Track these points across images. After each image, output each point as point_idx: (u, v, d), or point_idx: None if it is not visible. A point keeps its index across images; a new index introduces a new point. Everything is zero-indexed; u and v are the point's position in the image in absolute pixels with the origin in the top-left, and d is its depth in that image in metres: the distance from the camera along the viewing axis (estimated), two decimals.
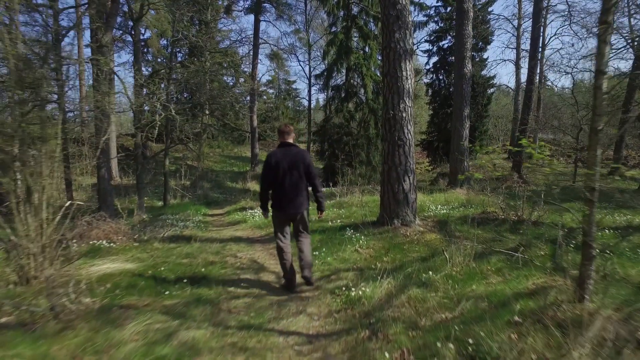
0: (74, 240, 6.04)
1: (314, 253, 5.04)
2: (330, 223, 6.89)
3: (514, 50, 21.98)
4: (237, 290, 4.02)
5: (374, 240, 5.27)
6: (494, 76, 22.98)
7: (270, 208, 4.01)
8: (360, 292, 3.48)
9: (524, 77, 21.53)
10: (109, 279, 4.24)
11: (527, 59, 22.00)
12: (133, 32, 12.07)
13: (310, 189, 4.04)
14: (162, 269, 4.59)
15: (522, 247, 4.54)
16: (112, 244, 5.96)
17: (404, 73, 5.67)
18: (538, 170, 18.46)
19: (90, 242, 5.95)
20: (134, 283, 4.05)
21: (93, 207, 12.41)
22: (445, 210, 7.56)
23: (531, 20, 16.64)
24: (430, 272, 3.88)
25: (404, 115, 5.67)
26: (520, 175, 15.86)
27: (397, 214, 5.70)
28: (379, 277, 3.80)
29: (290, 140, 3.97)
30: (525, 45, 20.72)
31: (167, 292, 3.72)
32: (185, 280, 4.12)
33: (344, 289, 3.73)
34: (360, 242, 5.19)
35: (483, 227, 6.02)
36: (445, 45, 23.96)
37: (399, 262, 4.48)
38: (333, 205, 8.91)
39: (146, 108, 13.32)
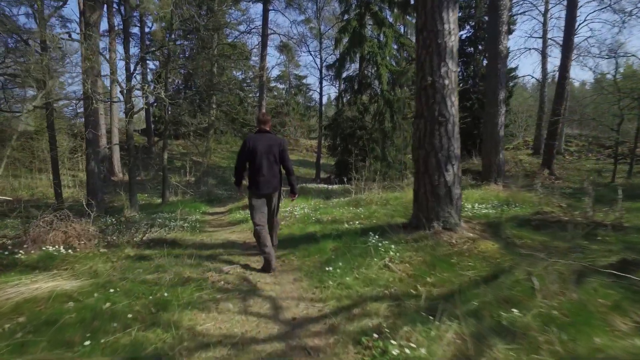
0: (25, 246, 4.71)
1: (327, 268, 3.54)
2: (346, 225, 5.39)
3: (537, 40, 20.10)
4: (209, 330, 2.56)
5: (409, 250, 3.75)
6: (516, 68, 21.21)
7: (247, 190, 4.11)
8: (408, 351, 1.98)
9: (550, 67, 19.75)
10: (28, 308, 2.83)
11: (554, 48, 20.19)
12: (123, 8, 10.70)
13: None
14: (113, 290, 3.15)
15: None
16: (69, 251, 4.56)
17: (446, 26, 4.15)
18: (569, 167, 16.72)
19: (44, 249, 4.57)
20: (56, 317, 2.61)
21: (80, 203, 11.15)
22: (486, 210, 6.03)
23: (560, 4, 14.87)
24: (515, 310, 2.36)
25: (446, 82, 4.15)
26: (552, 171, 14.16)
27: (437, 214, 4.18)
28: (432, 317, 2.31)
29: (267, 128, 4.12)
30: (553, 32, 18.88)
31: (88, 343, 2.26)
32: (130, 315, 2.66)
33: (375, 336, 2.24)
34: (391, 253, 3.68)
35: (546, 232, 4.50)
36: (464, 36, 22.24)
37: (450, 286, 2.97)
38: (348, 204, 7.41)
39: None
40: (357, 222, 5.47)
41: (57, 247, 4.63)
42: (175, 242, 5.32)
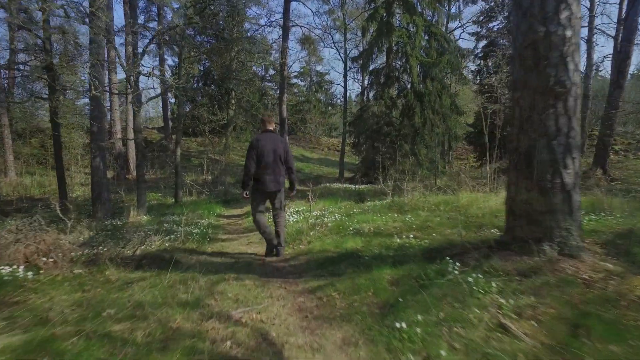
0: None
1: (396, 324, 2.10)
2: (397, 239, 3.97)
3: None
4: None
5: (523, 292, 2.30)
6: None
7: (252, 188, 4.19)
8: None
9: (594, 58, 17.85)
10: None
11: (599, 36, 18.17)
12: None
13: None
14: None
15: None
16: (29, 274, 3.31)
17: None
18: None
19: None
20: None
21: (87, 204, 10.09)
22: None
23: None
24: None
25: (567, 34, 2.69)
26: (606, 171, 12.37)
27: (549, 231, 2.73)
28: None
29: (271, 128, 4.23)
30: (601, 19, 16.92)
31: None
32: None
33: None
34: (497, 297, 2.25)
35: None
36: (496, 27, 20.51)
37: None
38: (388, 208, 5.99)
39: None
40: (411, 236, 4.05)
41: (16, 266, 3.39)
42: (175, 259, 4.02)
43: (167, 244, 4.88)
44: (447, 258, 2.85)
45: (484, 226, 4.38)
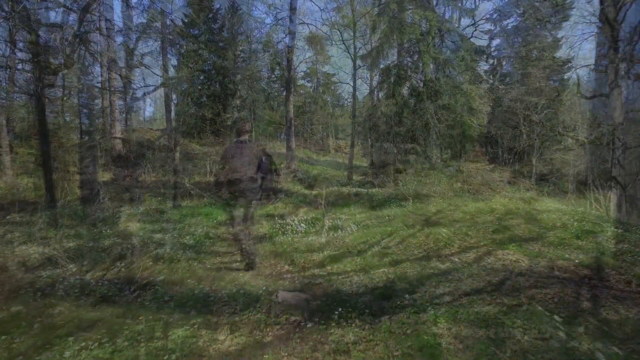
0: None
1: None
2: (439, 263, 2.98)
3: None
4: None
5: None
6: (572, 58, 18.06)
7: (228, 199, 4.07)
8: None
9: None
10: None
11: None
12: None
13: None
14: None
15: None
16: None
17: None
18: None
19: None
20: None
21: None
22: None
23: None
24: None
25: None
26: None
27: None
28: None
29: (246, 137, 4.06)
30: None
31: None
32: None
33: None
34: None
35: None
36: (510, 25, 19.49)
37: None
38: (413, 217, 5.00)
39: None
40: (456, 260, 3.07)
41: None
42: (152, 286, 3.07)
43: (150, 262, 3.94)
44: (539, 308, 1.87)
45: (542, 247, 3.41)
